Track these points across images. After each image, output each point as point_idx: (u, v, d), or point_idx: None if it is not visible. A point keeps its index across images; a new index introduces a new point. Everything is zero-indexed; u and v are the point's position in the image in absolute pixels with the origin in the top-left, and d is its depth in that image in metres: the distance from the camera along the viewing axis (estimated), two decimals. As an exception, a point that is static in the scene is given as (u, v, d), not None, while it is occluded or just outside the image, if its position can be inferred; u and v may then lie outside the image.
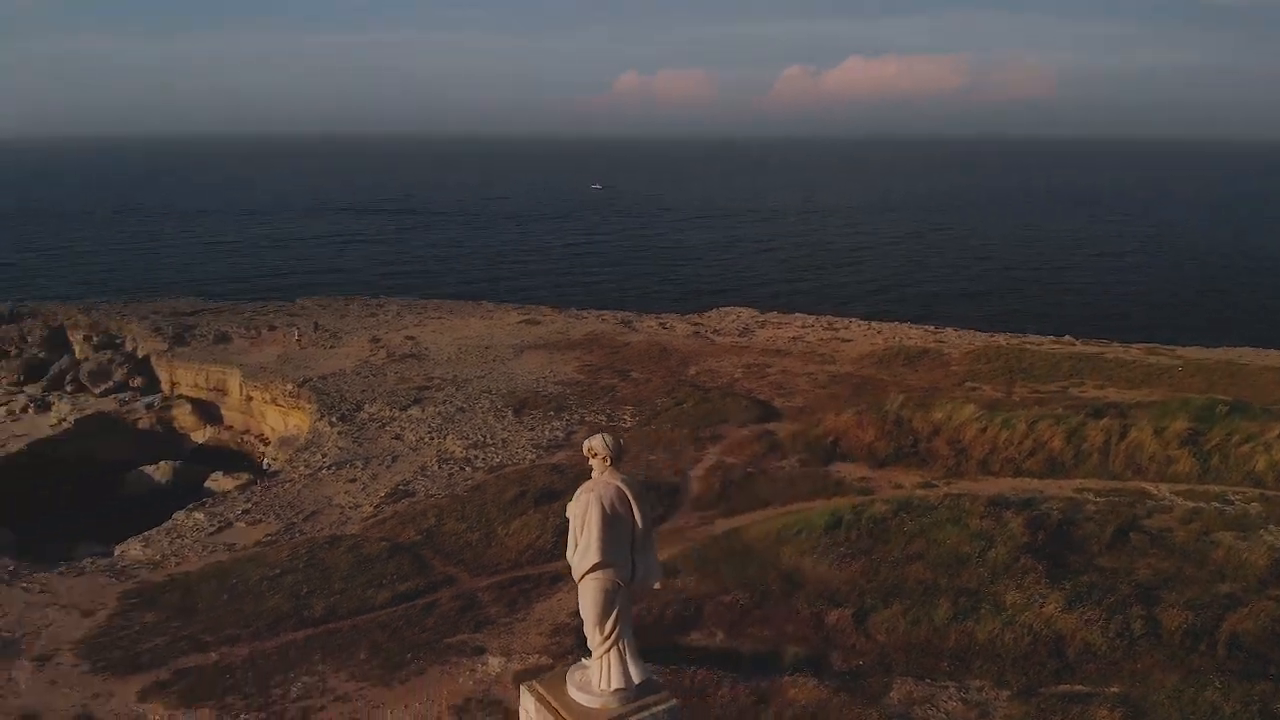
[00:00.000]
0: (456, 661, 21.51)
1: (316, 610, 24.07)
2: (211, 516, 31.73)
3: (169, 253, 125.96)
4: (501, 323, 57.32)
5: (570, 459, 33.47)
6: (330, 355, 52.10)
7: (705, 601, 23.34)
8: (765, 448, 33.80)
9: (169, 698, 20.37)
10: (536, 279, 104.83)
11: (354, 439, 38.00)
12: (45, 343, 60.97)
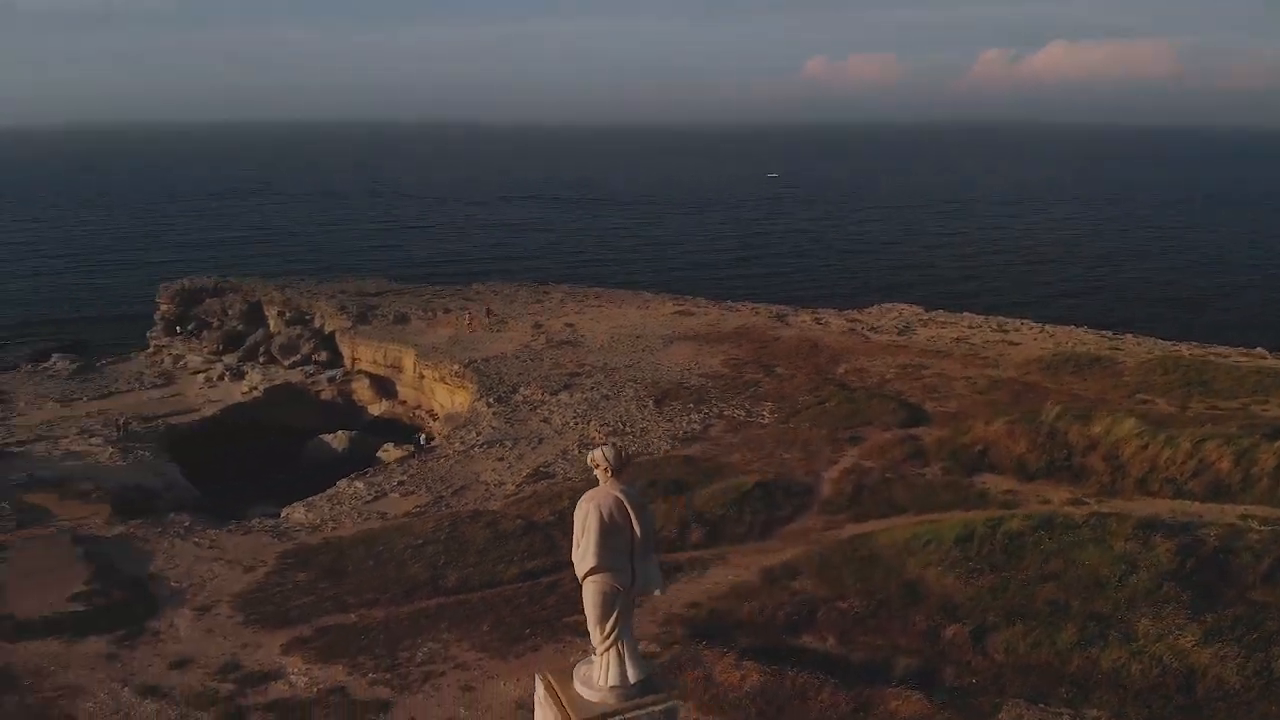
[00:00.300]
0: (570, 641, 22.30)
1: (450, 581, 25.48)
2: (370, 486, 34.06)
3: (363, 235, 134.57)
4: (656, 313, 58.17)
5: (703, 452, 33.79)
6: (495, 339, 54.45)
7: (820, 605, 23.14)
8: (907, 453, 32.94)
9: (309, 653, 22.17)
10: (700, 270, 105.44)
11: (507, 420, 39.71)
12: (244, 316, 66.63)
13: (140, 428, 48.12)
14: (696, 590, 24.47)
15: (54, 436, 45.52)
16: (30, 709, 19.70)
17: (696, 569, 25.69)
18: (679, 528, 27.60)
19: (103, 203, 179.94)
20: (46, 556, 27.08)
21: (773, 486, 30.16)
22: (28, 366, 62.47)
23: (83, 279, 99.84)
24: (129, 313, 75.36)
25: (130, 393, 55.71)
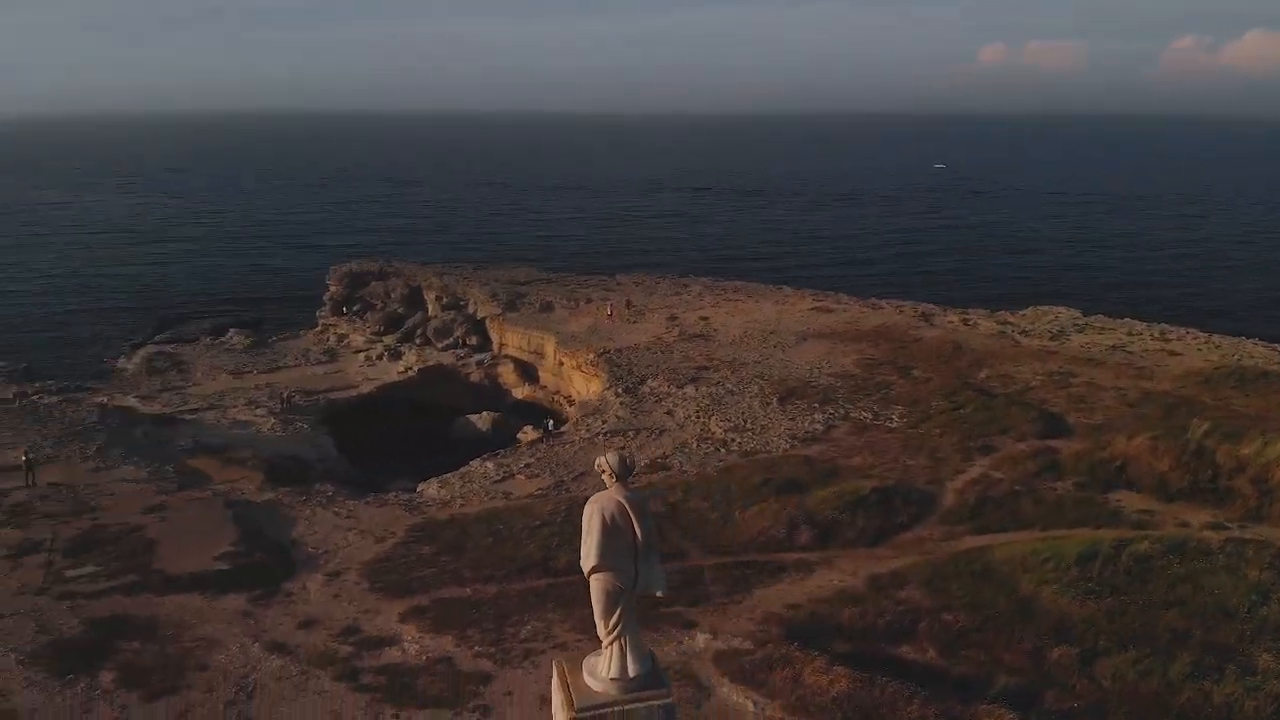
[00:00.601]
0: (666, 631, 22.73)
1: (560, 563, 26.38)
2: (499, 466, 35.57)
3: (523, 224, 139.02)
4: (793, 308, 57.69)
5: (822, 453, 33.46)
6: (631, 329, 55.42)
7: (925, 616, 22.68)
8: (1041, 466, 31.60)
9: (423, 622, 23.51)
10: (850, 265, 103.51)
11: (632, 409, 40.51)
12: (405, 300, 70.37)
13: (302, 401, 51.66)
14: (799, 592, 24.42)
15: (224, 406, 49.58)
16: (169, 657, 21.80)
17: (801, 571, 25.61)
18: (787, 528, 27.55)
19: (287, 187, 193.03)
20: (200, 518, 29.71)
21: (891, 493, 29.61)
22: (207, 340, 68.16)
23: (264, 260, 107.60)
24: (303, 294, 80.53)
25: (296, 368, 59.86)
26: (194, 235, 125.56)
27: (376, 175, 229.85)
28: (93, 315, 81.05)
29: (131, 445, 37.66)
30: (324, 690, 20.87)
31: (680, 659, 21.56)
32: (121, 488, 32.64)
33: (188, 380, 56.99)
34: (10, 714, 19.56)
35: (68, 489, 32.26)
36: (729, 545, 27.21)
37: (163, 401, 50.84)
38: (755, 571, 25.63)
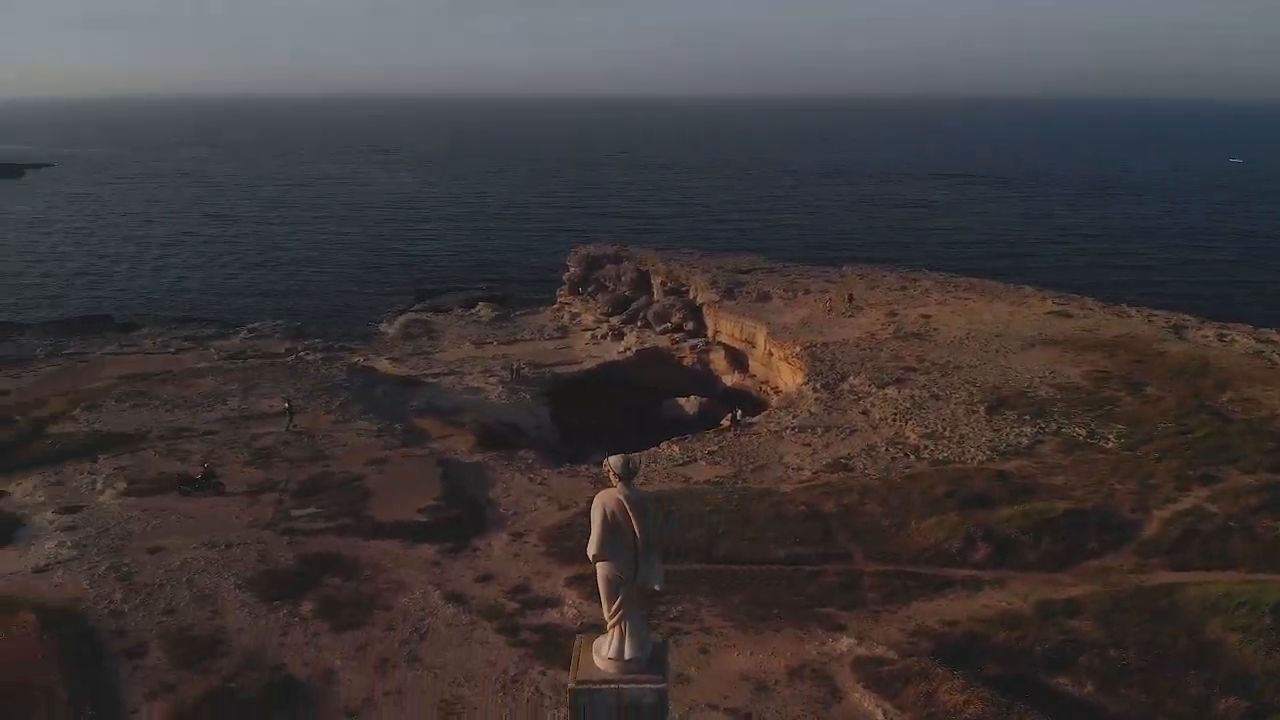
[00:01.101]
0: (813, 630, 22.92)
1: (721, 550, 27.09)
2: (685, 450, 36.67)
3: (773, 211, 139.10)
4: (1028, 311, 54.42)
5: (1021, 469, 31.86)
6: (845, 324, 54.69)
7: (1089, 649, 21.47)
8: (1264, 501, 28.50)
9: (585, 589, 24.96)
10: (1108, 267, 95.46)
11: (827, 407, 40.25)
12: (634, 283, 73.08)
13: (530, 373, 55.24)
14: (960, 609, 23.74)
15: (461, 372, 54.02)
16: (361, 595, 24.65)
17: (968, 588, 24.82)
18: (963, 543, 26.68)
19: (551, 170, 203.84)
20: (413, 473, 32.98)
21: (1086, 517, 27.87)
22: (459, 310, 74.17)
23: (518, 240, 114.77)
24: (549, 273, 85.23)
25: (530, 341, 63.95)
26: (461, 214, 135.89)
27: (637, 160, 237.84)
28: (366, 283, 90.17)
29: (371, 402, 42.17)
30: (486, 641, 22.89)
31: (819, 659, 21.75)
32: (354, 440, 36.77)
33: (435, 346, 62.46)
34: (219, 630, 22.99)
35: (309, 437, 36.80)
36: (897, 554, 26.76)
37: (410, 364, 56.12)
38: (919, 583, 25.12)
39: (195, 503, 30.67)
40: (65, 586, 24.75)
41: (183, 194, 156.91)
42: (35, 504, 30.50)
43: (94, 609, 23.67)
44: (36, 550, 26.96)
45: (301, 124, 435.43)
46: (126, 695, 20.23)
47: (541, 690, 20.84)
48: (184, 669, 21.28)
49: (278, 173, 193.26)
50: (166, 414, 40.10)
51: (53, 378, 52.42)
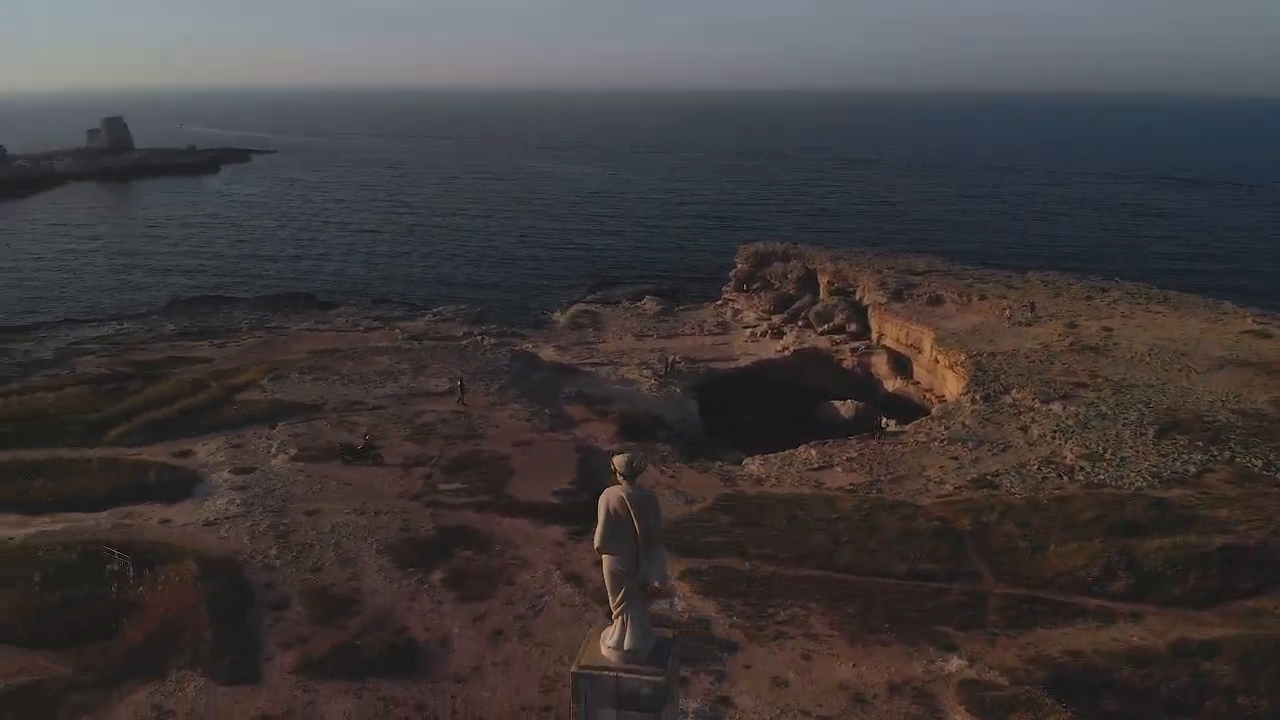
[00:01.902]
0: (923, 649, 22.33)
1: (842, 559, 26.71)
2: (822, 454, 36.21)
3: (950, 209, 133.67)
4: (1222, 329, 49.89)
5: (1182, 498, 29.56)
6: (1019, 334, 52.10)
7: (1219, 694, 19.93)
8: None
9: (697, 584, 25.36)
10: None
11: (983, 419, 38.61)
12: (799, 282, 72.24)
13: (685, 368, 55.85)
14: (1085, 640, 22.48)
15: (618, 363, 55.30)
16: (489, 569, 25.95)
17: (1099, 619, 23.44)
18: (1102, 572, 25.15)
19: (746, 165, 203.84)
20: (554, 457, 34.27)
21: (1244, 554, 25.65)
22: (626, 303, 75.76)
23: (694, 235, 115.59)
24: (719, 269, 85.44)
25: (690, 336, 64.59)
26: (642, 209, 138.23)
27: (815, 153, 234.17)
28: (546, 274, 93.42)
29: (527, 387, 44.01)
30: (596, 623, 23.43)
31: (924, 677, 21.21)
32: (506, 422, 38.53)
33: (598, 337, 64.19)
34: (356, 590, 24.81)
35: (465, 417, 38.85)
36: (1029, 577, 25.54)
37: (572, 353, 57.98)
38: (1047, 610, 23.94)
39: (355, 471, 33.10)
40: (228, 540, 27.41)
41: (388, 184, 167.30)
42: (215, 463, 33.82)
43: (250, 562, 26.12)
44: (209, 505, 29.95)
45: (500, 119, 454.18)
46: (264, 643, 22.29)
47: (640, 678, 21.38)
48: (318, 624, 23.19)
49: (477, 167, 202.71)
50: (342, 387, 43.33)
51: (252, 349, 57.59)
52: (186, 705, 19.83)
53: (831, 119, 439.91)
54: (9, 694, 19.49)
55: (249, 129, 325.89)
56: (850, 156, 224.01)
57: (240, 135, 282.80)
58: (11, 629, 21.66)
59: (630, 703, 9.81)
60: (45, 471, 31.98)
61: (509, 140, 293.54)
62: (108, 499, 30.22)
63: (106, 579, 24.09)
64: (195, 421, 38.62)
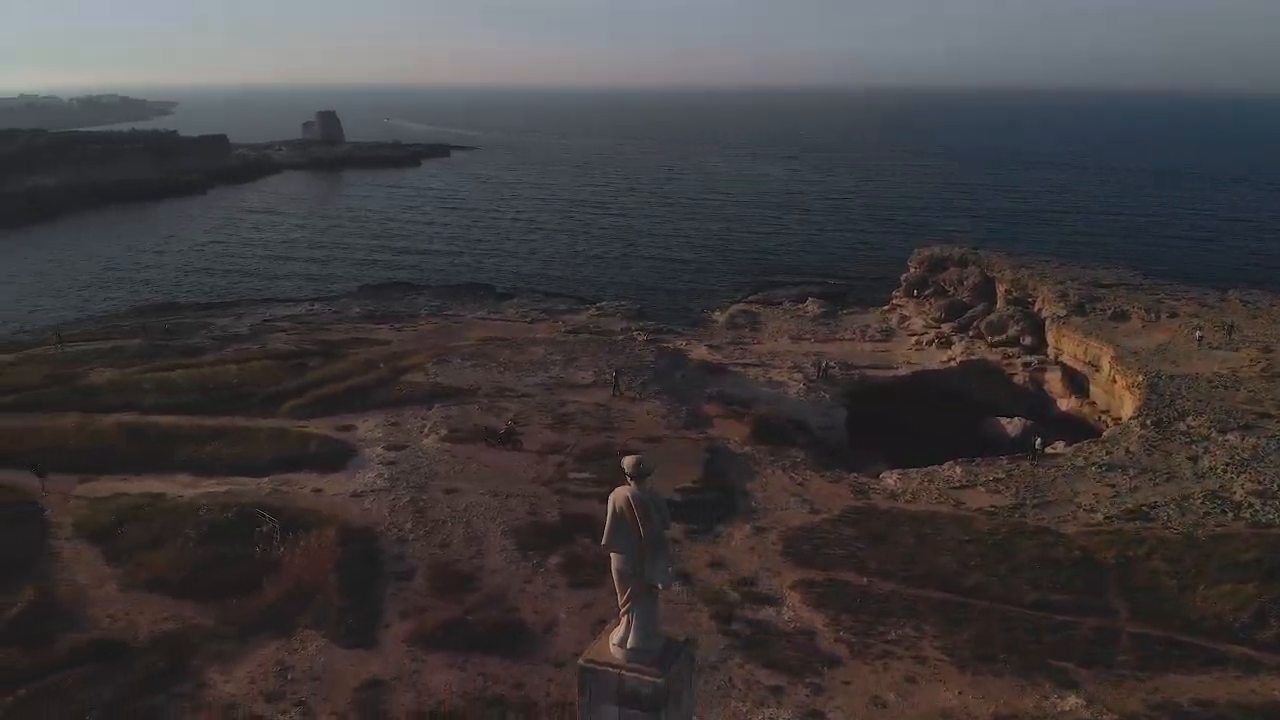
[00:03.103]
0: (1039, 682, 21.18)
1: (968, 582, 25.60)
2: (966, 473, 34.69)
3: (1152, 220, 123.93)
4: None
5: (1368, 547, 26.47)
6: (1207, 356, 48.03)
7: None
8: None
9: (808, 595, 24.98)
10: None
11: (1149, 446, 35.88)
12: (974, 290, 69.12)
13: (839, 373, 54.73)
14: (1220, 689, 20.71)
15: (769, 365, 54.84)
16: (602, 558, 26.04)
17: (1241, 668, 21.49)
18: (1253, 618, 23.05)
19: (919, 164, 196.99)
20: (682, 454, 34.45)
21: None
22: (787, 304, 74.86)
23: (869, 237, 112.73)
24: (890, 273, 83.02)
25: (849, 341, 63.18)
26: (819, 208, 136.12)
27: (1002, 153, 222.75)
28: (711, 273, 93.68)
29: (669, 384, 44.40)
30: (698, 623, 23.76)
31: (1034, 713, 20.22)
32: (641, 417, 39.09)
33: (754, 338, 63.89)
34: (477, 568, 25.90)
35: (604, 409, 39.67)
36: (1170, 618, 23.66)
37: (724, 353, 58.00)
38: (1184, 654, 22.14)
39: (495, 454, 34.52)
40: (370, 512, 29.23)
41: (572, 182, 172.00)
42: (372, 439, 36.07)
43: (386, 534, 27.78)
44: (359, 478, 32.01)
45: (691, 119, 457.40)
46: (385, 610, 23.70)
47: (734, 681, 21.32)
48: (437, 597, 24.43)
49: (659, 166, 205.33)
50: (497, 375, 45.18)
51: (428, 334, 60.91)
52: (306, 663, 21.39)
53: (1007, 117, 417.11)
54: (155, 639, 21.64)
55: (451, 125, 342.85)
56: (1037, 158, 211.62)
57: (442, 131, 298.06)
58: (166, 580, 23.98)
59: (631, 701, 9.89)
60: (221, 437, 35.07)
61: (694, 140, 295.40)
62: (271, 466, 32.83)
63: (255, 540, 26.24)
64: (361, 399, 41.25)
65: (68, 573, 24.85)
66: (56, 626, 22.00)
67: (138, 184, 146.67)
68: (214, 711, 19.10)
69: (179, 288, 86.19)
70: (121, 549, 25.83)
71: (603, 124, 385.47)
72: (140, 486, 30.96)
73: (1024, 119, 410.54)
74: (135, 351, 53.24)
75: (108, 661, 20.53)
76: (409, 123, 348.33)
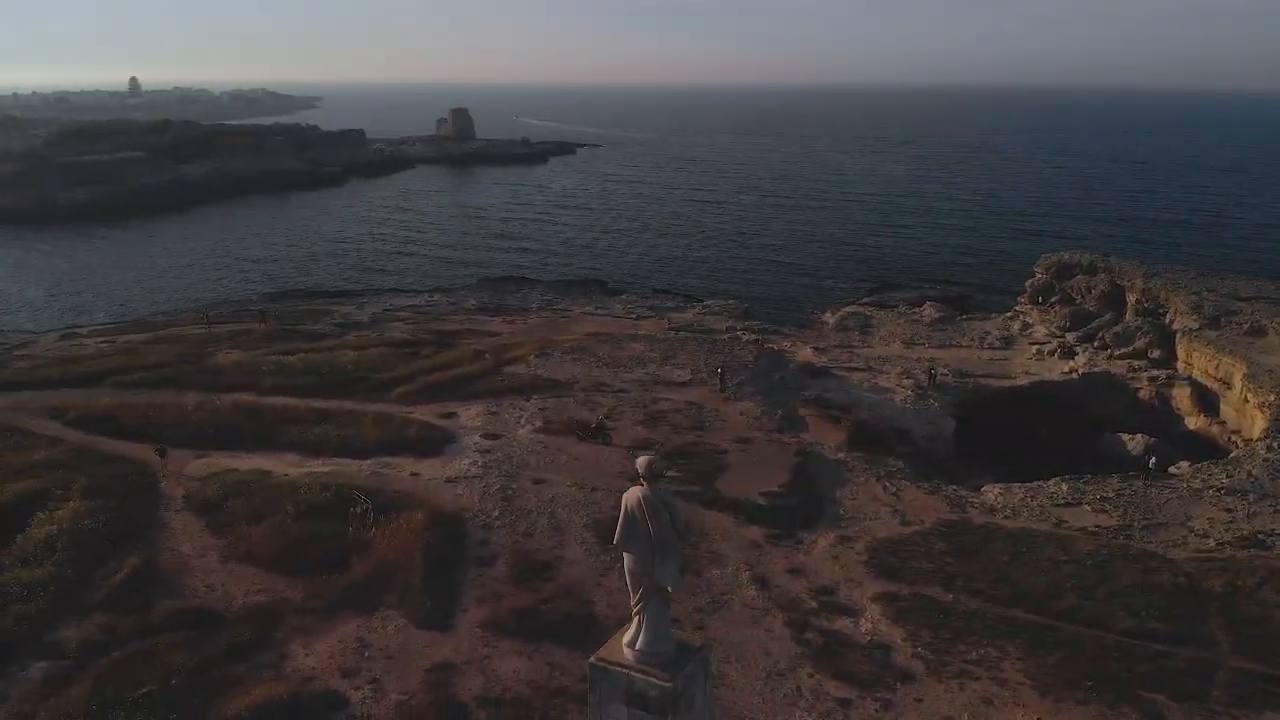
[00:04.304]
0: (1125, 714, 20.14)
1: (1059, 605, 24.49)
2: (1073, 490, 33.11)
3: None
4: None
5: None
6: (1357, 377, 44.39)
7: None
8: None
9: (889, 608, 24.34)
10: None
11: (1273, 471, 33.52)
12: (1102, 298, 65.80)
13: (952, 381, 53.07)
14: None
15: (877, 370, 53.60)
16: (687, 558, 26.45)
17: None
18: (1378, 665, 21.13)
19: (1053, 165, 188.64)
20: (771, 457, 34.05)
21: None
22: (903, 307, 73.00)
23: (992, 242, 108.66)
24: (1015, 279, 79.90)
25: (965, 349, 61.12)
26: (944, 209, 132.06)
27: (1135, 155, 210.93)
28: (827, 273, 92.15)
29: (765, 385, 43.88)
30: (772, 629, 23.48)
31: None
32: (734, 417, 38.78)
33: (864, 341, 62.59)
34: (557, 559, 26.25)
35: (697, 408, 39.56)
36: (1276, 653, 22.03)
37: (829, 356, 57.01)
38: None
39: (585, 448, 34.90)
40: (460, 498, 30.00)
41: (689, 180, 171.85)
42: (471, 427, 37.00)
43: (473, 520, 28.46)
44: (454, 464, 32.88)
45: (821, 115, 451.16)
46: (464, 595, 24.31)
47: (802, 691, 20.99)
48: (515, 585, 24.91)
49: (781, 164, 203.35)
50: (595, 369, 45.64)
51: (536, 327, 62.13)
52: (384, 641, 22.16)
53: (1160, 118, 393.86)
54: (245, 610, 22.80)
55: (577, 123, 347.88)
56: (1193, 162, 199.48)
57: (569, 129, 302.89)
58: (262, 553, 25.21)
59: (639, 702, 9.85)
60: (330, 420, 36.60)
61: (818, 137, 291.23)
62: (374, 449, 34.04)
63: (349, 519, 27.30)
64: (465, 387, 42.36)
65: (173, 542, 26.45)
66: (157, 593, 23.44)
67: (280, 175, 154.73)
68: (291, 683, 19.97)
69: (310, 276, 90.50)
70: (224, 522, 27.31)
71: (727, 122, 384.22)
72: (250, 464, 32.60)
73: (1177, 119, 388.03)
74: (261, 335, 56.24)
75: (200, 629, 21.74)
76: (538, 120, 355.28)
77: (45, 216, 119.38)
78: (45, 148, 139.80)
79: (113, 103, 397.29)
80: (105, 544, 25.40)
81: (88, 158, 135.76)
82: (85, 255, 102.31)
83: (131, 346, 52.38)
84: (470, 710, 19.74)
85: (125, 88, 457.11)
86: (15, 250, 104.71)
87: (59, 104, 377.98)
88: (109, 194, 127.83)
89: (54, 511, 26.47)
